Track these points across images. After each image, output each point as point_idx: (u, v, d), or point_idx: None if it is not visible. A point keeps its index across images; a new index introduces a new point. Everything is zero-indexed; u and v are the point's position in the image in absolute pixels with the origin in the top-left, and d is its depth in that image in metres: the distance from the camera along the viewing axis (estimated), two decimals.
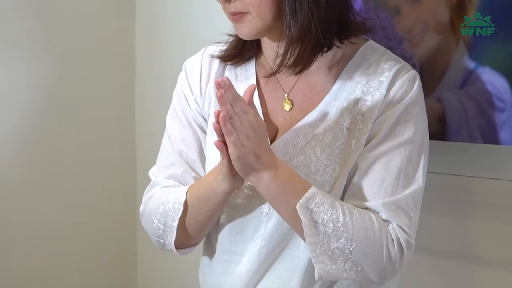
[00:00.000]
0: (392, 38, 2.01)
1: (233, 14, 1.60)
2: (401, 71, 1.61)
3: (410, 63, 1.92)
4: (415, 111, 1.60)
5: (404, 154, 1.57)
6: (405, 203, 1.57)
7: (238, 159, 1.49)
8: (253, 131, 1.49)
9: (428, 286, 2.20)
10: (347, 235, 1.52)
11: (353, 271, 1.54)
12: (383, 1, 2.01)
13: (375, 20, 2.02)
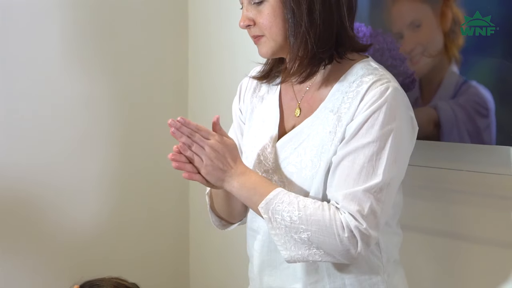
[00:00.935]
0: (397, 58, 2.16)
1: (253, 37, 1.76)
2: (376, 83, 1.68)
3: (411, 78, 2.13)
4: (380, 117, 1.64)
5: (368, 153, 1.63)
6: (363, 194, 1.62)
7: (206, 175, 1.67)
8: (215, 152, 1.66)
9: (424, 260, 2.30)
10: (303, 226, 1.62)
11: (318, 255, 1.65)
12: (389, 27, 2.15)
13: (382, 43, 2.17)
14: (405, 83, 2.15)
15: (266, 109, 1.88)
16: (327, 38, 1.71)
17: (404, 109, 1.70)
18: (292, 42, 1.71)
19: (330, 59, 1.74)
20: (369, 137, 1.64)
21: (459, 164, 2.12)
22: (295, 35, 1.70)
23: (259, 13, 1.72)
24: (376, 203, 1.62)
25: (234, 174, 1.69)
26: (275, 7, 1.70)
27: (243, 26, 1.74)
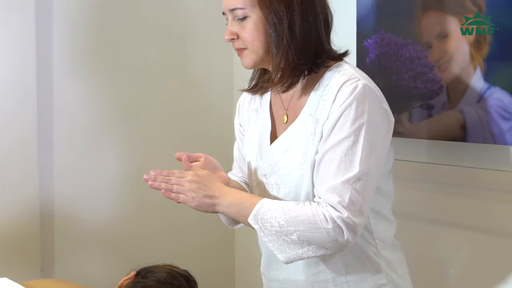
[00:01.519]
0: (426, 66, 2.25)
1: (236, 49, 1.83)
2: (346, 83, 1.72)
3: (439, 84, 2.22)
4: (351, 114, 1.69)
5: (343, 148, 1.68)
6: (342, 186, 1.67)
7: (198, 207, 1.75)
8: (195, 184, 1.75)
9: (462, 255, 2.36)
10: (292, 228, 1.68)
11: (311, 251, 1.70)
12: (418, 38, 2.25)
13: (412, 52, 2.27)
14: (433, 89, 2.25)
15: (260, 119, 1.95)
16: (307, 51, 1.77)
17: (375, 103, 1.74)
18: (274, 55, 1.77)
19: (309, 70, 1.80)
20: (343, 133, 1.69)
21: (483, 163, 2.21)
22: (277, 48, 1.77)
23: (243, 28, 1.78)
24: (356, 193, 1.67)
25: (220, 196, 1.76)
26: (258, 22, 1.77)
27: (228, 39, 1.82)
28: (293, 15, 1.74)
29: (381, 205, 1.87)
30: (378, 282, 1.87)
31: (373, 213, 1.84)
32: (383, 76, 2.40)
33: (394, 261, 1.91)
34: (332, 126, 1.72)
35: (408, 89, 2.33)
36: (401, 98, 2.36)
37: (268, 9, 1.75)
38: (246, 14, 1.77)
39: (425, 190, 2.44)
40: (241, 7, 1.77)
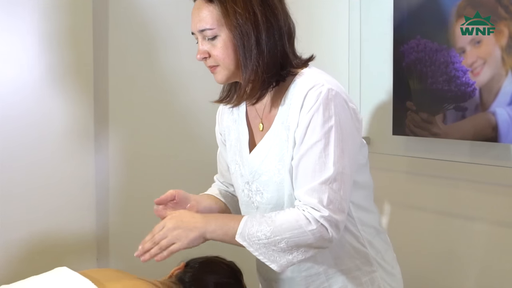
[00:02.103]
0: (459, 70, 2.27)
1: (209, 67, 1.83)
2: (311, 90, 1.72)
3: (472, 87, 2.24)
4: (319, 118, 1.70)
5: (316, 151, 1.70)
6: (319, 187, 1.68)
7: (189, 245, 1.73)
8: (176, 229, 1.73)
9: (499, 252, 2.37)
10: (278, 237, 1.68)
11: (300, 255, 1.71)
12: (453, 43, 2.28)
13: (447, 57, 2.29)
14: (467, 92, 2.28)
15: (238, 128, 1.97)
16: (273, 64, 1.78)
17: (341, 104, 1.73)
18: (243, 70, 1.78)
19: (276, 81, 1.81)
20: (314, 138, 1.71)
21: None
22: (246, 64, 1.77)
23: (213, 47, 1.79)
24: (334, 192, 1.68)
25: (203, 225, 1.75)
26: (227, 41, 1.77)
27: (200, 58, 1.82)
28: (259, 32, 1.75)
29: (361, 197, 1.89)
30: (368, 269, 1.90)
31: (354, 206, 1.86)
32: (419, 79, 2.43)
33: (381, 249, 1.93)
34: (303, 132, 1.73)
35: (442, 92, 2.35)
36: (435, 100, 2.38)
37: (235, 28, 1.75)
38: (216, 34, 1.77)
39: (458, 188, 2.45)
40: (210, 28, 1.77)
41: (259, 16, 1.75)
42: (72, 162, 2.76)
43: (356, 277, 1.88)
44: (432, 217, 2.54)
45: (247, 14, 1.74)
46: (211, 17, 1.76)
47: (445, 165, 2.46)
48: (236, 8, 1.74)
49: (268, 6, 1.76)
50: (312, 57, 1.86)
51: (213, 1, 1.76)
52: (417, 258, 2.60)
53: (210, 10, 1.76)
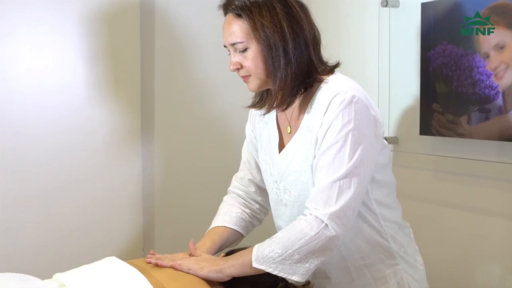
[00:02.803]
0: (484, 74, 2.28)
1: (242, 77, 1.86)
2: (335, 97, 1.74)
3: (496, 90, 2.25)
4: (338, 123, 1.72)
5: (332, 153, 1.73)
6: (330, 185, 1.71)
7: (207, 274, 1.76)
8: (199, 261, 1.80)
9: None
10: (290, 251, 1.70)
11: (316, 260, 1.73)
12: (477, 49, 2.29)
13: (472, 61, 2.30)
14: (490, 95, 2.29)
15: (269, 130, 2.00)
16: (300, 72, 1.80)
17: (361, 111, 1.75)
18: (273, 80, 1.81)
19: (304, 88, 1.84)
20: (332, 140, 1.74)
21: None
22: (275, 74, 1.80)
23: (244, 58, 1.81)
24: (342, 191, 1.71)
25: (223, 263, 1.79)
26: (256, 53, 1.79)
27: (233, 69, 1.85)
28: (286, 43, 1.77)
29: (383, 195, 1.91)
30: (391, 262, 1.92)
31: (377, 203, 1.88)
32: (445, 83, 2.44)
33: (403, 243, 1.95)
34: (324, 134, 1.75)
35: (467, 95, 2.36)
36: (460, 103, 2.39)
37: (263, 41, 1.77)
38: (246, 46, 1.80)
39: (482, 186, 2.45)
40: (240, 41, 1.79)
41: (285, 28, 1.77)
42: (121, 164, 2.81)
43: (380, 270, 1.91)
44: (457, 212, 2.55)
45: (274, 27, 1.77)
46: (241, 31, 1.79)
47: (469, 163, 2.46)
48: (263, 22, 1.77)
49: (293, 17, 1.79)
50: (338, 64, 1.88)
51: (242, 16, 1.79)
52: (441, 251, 2.62)
53: (239, 24, 1.80)
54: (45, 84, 2.59)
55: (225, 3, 1.84)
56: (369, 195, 1.85)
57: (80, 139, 2.69)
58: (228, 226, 2.04)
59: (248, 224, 2.09)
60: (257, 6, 1.78)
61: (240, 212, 2.08)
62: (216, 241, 2.00)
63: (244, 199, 2.12)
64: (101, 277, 1.74)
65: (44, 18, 2.56)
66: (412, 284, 1.93)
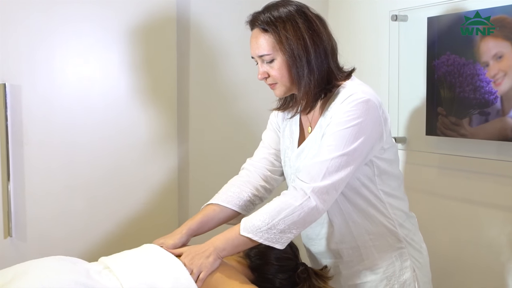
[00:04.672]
0: (484, 81, 2.29)
1: (269, 85, 1.90)
2: (348, 98, 1.77)
3: (494, 96, 2.26)
4: (346, 116, 1.74)
5: (331, 138, 1.74)
6: (319, 163, 1.73)
7: (212, 269, 1.73)
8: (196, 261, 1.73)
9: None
10: (276, 220, 1.72)
11: (296, 231, 1.74)
12: (478, 58, 2.30)
13: (473, 69, 2.31)
14: (490, 99, 2.31)
15: (291, 127, 2.02)
16: (321, 79, 1.83)
17: (370, 111, 1.77)
18: (298, 87, 1.85)
19: (325, 93, 1.87)
20: (335, 128, 1.76)
21: None
22: (299, 82, 1.83)
23: (271, 68, 1.84)
24: (330, 171, 1.72)
25: (212, 248, 1.77)
26: (282, 63, 1.81)
27: (261, 78, 1.88)
28: (309, 54, 1.80)
29: (391, 187, 1.93)
30: (398, 245, 1.94)
31: (384, 194, 1.91)
32: (448, 89, 2.46)
33: (410, 230, 1.98)
34: (330, 125, 1.78)
35: (468, 99, 2.38)
36: (462, 106, 2.41)
37: (288, 53, 1.80)
38: (272, 58, 1.83)
39: (482, 181, 2.47)
40: (267, 53, 1.82)
41: (308, 40, 1.80)
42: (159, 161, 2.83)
43: (387, 252, 1.94)
44: (459, 205, 2.57)
45: (297, 40, 1.79)
46: (267, 44, 1.82)
47: (471, 161, 2.48)
48: (287, 35, 1.79)
49: (314, 31, 1.82)
50: (353, 70, 1.91)
51: (268, 31, 1.82)
52: (445, 239, 2.63)
53: (266, 38, 1.83)
54: (91, 90, 2.67)
55: (252, 19, 1.88)
56: (377, 186, 1.89)
57: (122, 139, 2.76)
58: (221, 204, 2.03)
59: (246, 203, 2.06)
60: (281, 21, 1.81)
61: (238, 192, 2.06)
62: (197, 220, 1.98)
63: (251, 175, 2.11)
64: (141, 262, 1.78)
65: (91, 31, 2.65)
66: (417, 266, 1.97)
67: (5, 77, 2.45)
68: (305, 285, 1.94)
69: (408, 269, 1.94)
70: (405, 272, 1.93)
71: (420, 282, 1.97)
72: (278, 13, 1.82)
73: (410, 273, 1.94)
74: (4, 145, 2.46)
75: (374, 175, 1.89)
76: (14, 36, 2.47)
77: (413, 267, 1.95)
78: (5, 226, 2.50)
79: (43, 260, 1.74)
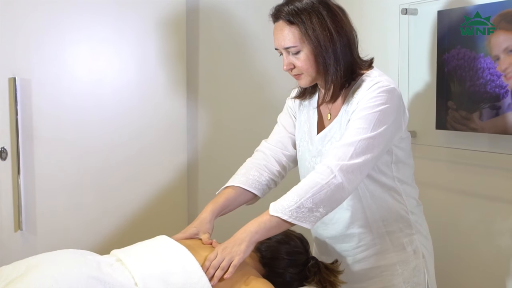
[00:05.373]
0: (494, 74, 2.29)
1: (294, 76, 1.92)
2: (373, 86, 1.81)
3: (505, 89, 2.25)
4: (371, 102, 1.78)
5: (357, 123, 1.78)
6: (344, 147, 1.75)
7: (245, 255, 1.74)
8: (228, 249, 1.75)
9: None
10: (304, 198, 1.72)
11: (323, 210, 1.74)
12: (489, 52, 2.30)
13: (483, 63, 2.30)
14: (500, 93, 2.30)
15: (309, 113, 2.05)
16: (346, 69, 1.86)
17: (394, 98, 1.81)
18: (325, 78, 1.87)
19: (349, 82, 1.89)
20: (361, 113, 1.79)
21: None
22: (327, 72, 1.85)
23: (297, 59, 1.86)
24: (357, 152, 1.74)
25: (246, 234, 1.77)
26: (308, 54, 1.84)
27: (286, 69, 1.90)
28: (334, 45, 1.82)
29: (405, 175, 1.97)
30: (409, 232, 1.98)
31: (400, 181, 1.95)
32: (459, 83, 2.46)
33: (419, 217, 2.02)
34: (356, 110, 1.81)
35: (479, 93, 2.38)
36: (473, 100, 2.41)
37: (315, 45, 1.82)
38: (299, 50, 1.85)
39: (492, 176, 2.46)
40: (293, 45, 1.84)
41: (333, 31, 1.82)
42: (168, 154, 2.87)
43: (399, 238, 1.97)
44: (468, 199, 2.57)
45: (323, 31, 1.82)
46: (293, 36, 1.84)
47: (481, 155, 2.47)
48: (314, 27, 1.81)
49: (338, 21, 1.84)
50: (373, 59, 1.95)
51: (293, 23, 1.83)
52: (452, 232, 2.63)
53: (292, 31, 1.84)
54: (101, 84, 2.70)
55: (276, 12, 1.89)
56: (393, 174, 1.93)
57: (132, 133, 2.78)
58: (242, 186, 2.05)
59: (264, 187, 2.09)
60: (307, 14, 1.83)
61: (257, 175, 2.08)
62: (220, 203, 2.01)
63: (267, 160, 2.12)
64: (153, 254, 1.79)
65: (101, 25, 2.67)
66: (425, 253, 2.01)
67: (15, 71, 2.47)
68: (315, 279, 1.96)
69: (418, 255, 1.98)
70: (415, 259, 1.97)
71: (428, 269, 2.01)
72: (302, 5, 1.83)
73: (419, 260, 1.98)
74: (14, 139, 2.49)
75: (391, 163, 1.92)
76: (24, 29, 2.49)
77: (422, 254, 1.99)
78: (16, 219, 2.53)
79: (55, 253, 1.75)
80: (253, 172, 2.08)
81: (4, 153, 2.48)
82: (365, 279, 2.00)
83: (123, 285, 1.62)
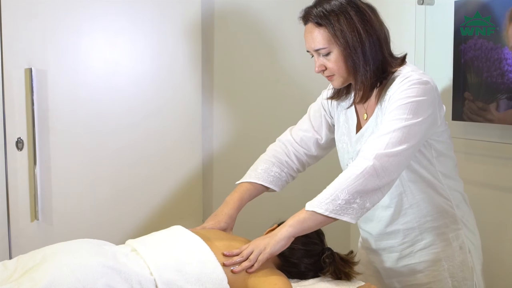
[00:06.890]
0: (511, 65, 2.29)
1: (327, 77, 1.93)
2: (406, 79, 1.80)
3: None
4: (405, 94, 1.77)
5: (392, 114, 1.76)
6: (380, 138, 1.74)
7: (275, 246, 1.77)
8: (261, 241, 1.80)
9: None
10: (338, 190, 1.71)
11: (361, 201, 1.72)
12: (506, 43, 2.29)
13: (501, 54, 2.30)
14: None
15: (347, 114, 2.06)
16: (377, 69, 1.86)
17: (428, 91, 1.80)
18: (355, 78, 1.89)
19: (380, 81, 1.90)
20: (395, 105, 1.78)
21: None
22: (356, 73, 1.87)
23: (328, 61, 1.87)
24: (393, 142, 1.73)
25: (284, 229, 1.79)
26: (338, 56, 1.85)
27: (318, 71, 1.91)
28: (363, 45, 1.83)
29: (448, 168, 1.97)
30: (454, 227, 1.97)
31: (443, 175, 1.94)
32: (475, 74, 2.45)
33: (465, 211, 2.01)
34: (389, 106, 1.81)
35: (496, 84, 2.38)
36: (490, 91, 2.41)
37: (343, 45, 1.83)
38: (329, 51, 1.86)
39: (509, 167, 2.45)
40: (323, 47, 1.86)
41: (361, 31, 1.83)
42: (183, 146, 2.88)
43: (444, 233, 1.97)
44: (486, 191, 2.56)
45: (351, 32, 1.82)
46: (323, 38, 1.85)
47: (497, 146, 2.48)
48: (342, 28, 1.82)
49: (367, 21, 1.85)
50: (405, 55, 1.93)
51: (322, 25, 1.85)
52: None
53: (321, 33, 1.86)
54: (117, 75, 2.70)
55: (305, 14, 1.91)
56: (435, 168, 1.93)
57: (148, 125, 2.79)
58: (264, 184, 2.11)
59: (283, 183, 2.16)
60: (334, 15, 1.84)
61: (278, 172, 2.14)
62: (244, 200, 2.09)
63: (289, 156, 2.16)
64: (168, 244, 1.80)
65: (117, 17, 2.68)
66: (471, 248, 2.00)
67: (32, 62, 2.49)
68: (330, 270, 1.96)
69: (464, 250, 1.97)
70: (461, 254, 1.96)
71: (475, 265, 1.99)
72: (330, 7, 1.85)
73: (466, 255, 1.97)
74: (30, 129, 2.50)
75: (433, 157, 1.92)
76: (40, 20, 2.50)
77: (469, 249, 1.98)
78: (32, 209, 2.55)
79: (71, 242, 1.77)
80: (274, 168, 2.14)
81: (21, 144, 2.50)
82: (411, 274, 2.01)
83: (138, 274, 1.64)
